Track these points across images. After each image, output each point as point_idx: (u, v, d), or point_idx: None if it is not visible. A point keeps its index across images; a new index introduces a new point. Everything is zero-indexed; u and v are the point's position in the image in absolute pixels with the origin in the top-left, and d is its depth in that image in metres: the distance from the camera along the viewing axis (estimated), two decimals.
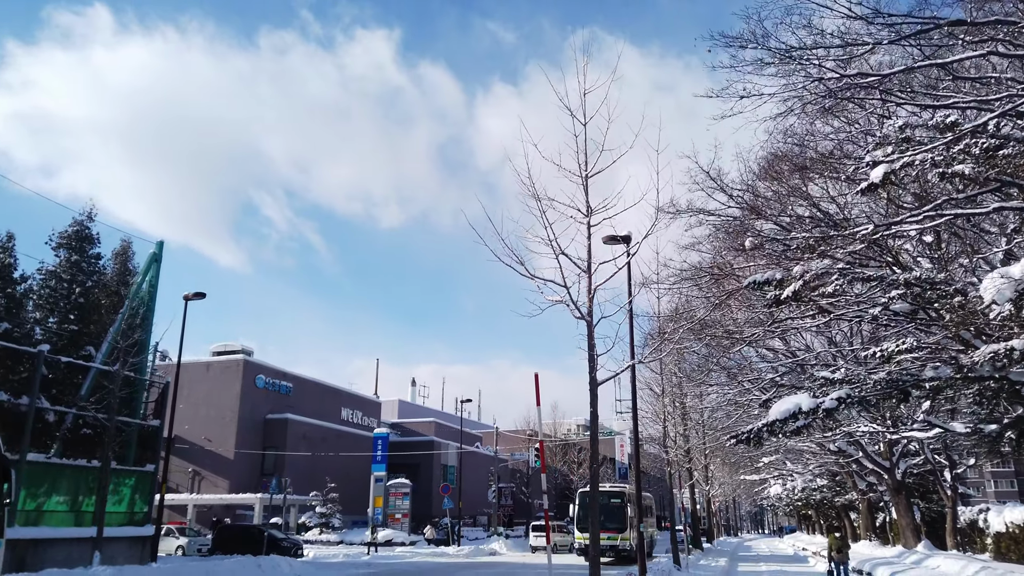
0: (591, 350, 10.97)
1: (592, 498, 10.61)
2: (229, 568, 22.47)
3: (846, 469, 31.60)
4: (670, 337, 13.40)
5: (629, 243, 17.09)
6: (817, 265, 9.68)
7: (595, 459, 10.83)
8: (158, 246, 27.12)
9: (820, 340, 20.29)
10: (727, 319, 16.70)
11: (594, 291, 11.32)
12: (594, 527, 10.50)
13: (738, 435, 11.64)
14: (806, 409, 10.42)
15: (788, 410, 10.70)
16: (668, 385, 25.11)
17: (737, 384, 20.74)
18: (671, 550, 23.44)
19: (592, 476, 10.79)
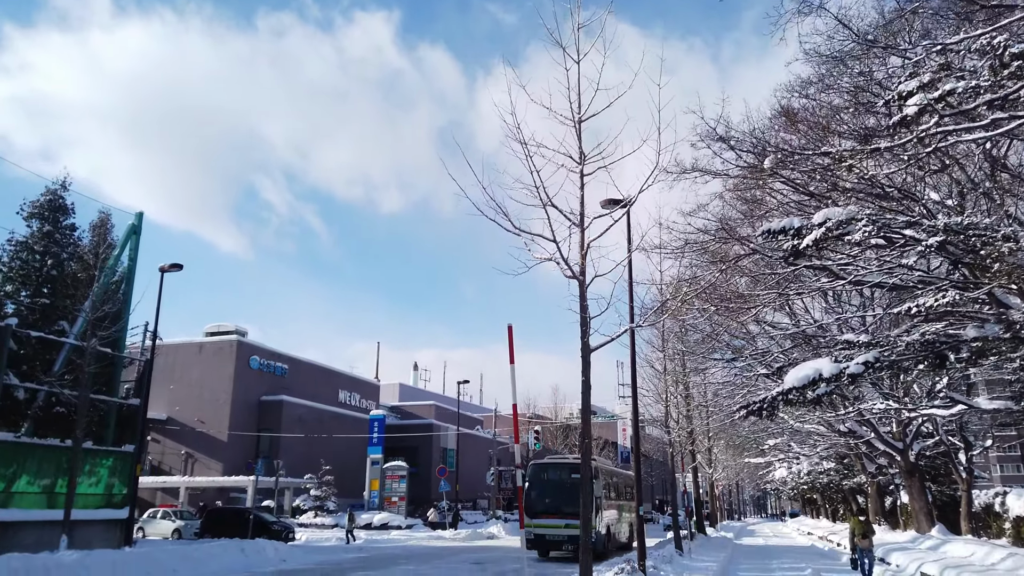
0: (583, 312, 9.76)
1: (585, 480, 9.44)
2: (208, 552, 21.44)
3: (855, 451, 30.47)
4: (673, 298, 12.18)
5: (629, 206, 15.88)
6: (839, 212, 8.45)
7: (587, 433, 9.66)
8: (137, 217, 25.96)
9: (831, 314, 19.05)
10: (735, 286, 15.48)
11: (587, 247, 10.09)
12: (585, 509, 9.32)
13: (750, 405, 10.42)
14: (827, 375, 9.21)
15: (807, 376, 9.47)
16: (670, 363, 23.90)
17: (743, 359, 19.55)
18: (673, 536, 22.35)
19: (583, 452, 9.62)
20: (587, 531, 9.20)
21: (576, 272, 9.95)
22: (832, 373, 9.23)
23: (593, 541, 15.99)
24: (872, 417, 23.11)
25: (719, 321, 16.66)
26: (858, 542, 15.40)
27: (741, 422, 32.11)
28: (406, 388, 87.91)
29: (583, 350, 9.68)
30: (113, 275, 25.03)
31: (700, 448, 35.08)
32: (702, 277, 14.42)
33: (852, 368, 9.07)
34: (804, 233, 8.72)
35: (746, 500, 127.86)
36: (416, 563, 22.90)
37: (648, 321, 10.61)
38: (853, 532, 15.56)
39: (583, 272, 9.94)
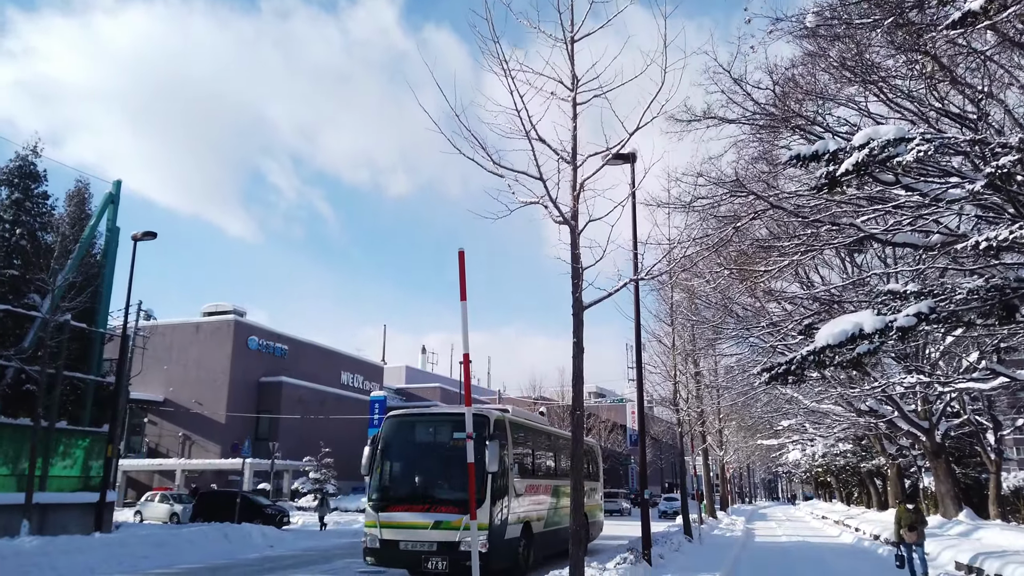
0: (574, 262, 8.29)
1: (575, 458, 8.00)
2: (188, 538, 20.23)
3: (875, 432, 28.93)
4: (681, 246, 10.66)
5: (634, 161, 14.35)
6: (887, 130, 6.92)
7: (578, 402, 8.23)
8: (115, 186, 24.60)
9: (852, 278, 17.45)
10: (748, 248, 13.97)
11: (580, 187, 8.60)
12: (576, 493, 7.89)
13: (773, 368, 8.89)
14: (870, 330, 7.70)
15: (844, 332, 7.96)
16: (679, 340, 22.40)
17: (755, 332, 18.02)
18: (683, 521, 20.96)
19: (574, 426, 8.19)
20: (578, 517, 7.76)
21: (567, 216, 8.45)
22: (876, 328, 7.69)
23: (486, 546, 10.81)
24: (896, 394, 21.57)
25: (729, 287, 15.10)
26: (905, 535, 12.73)
27: (755, 401, 30.63)
28: (412, 371, 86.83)
29: (574, 306, 8.22)
30: (90, 246, 23.71)
31: (711, 430, 33.65)
32: (713, 236, 12.88)
33: (902, 321, 7.54)
34: (842, 157, 7.21)
35: (757, 484, 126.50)
36: None
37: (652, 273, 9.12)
38: (899, 523, 12.80)
39: (575, 216, 8.47)
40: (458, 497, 11.17)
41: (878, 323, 7.68)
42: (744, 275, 13.56)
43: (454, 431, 12.08)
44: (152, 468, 44.64)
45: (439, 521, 11.65)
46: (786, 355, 8.87)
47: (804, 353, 8.35)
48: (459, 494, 11.01)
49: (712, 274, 14.59)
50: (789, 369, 8.48)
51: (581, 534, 7.90)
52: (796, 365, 8.43)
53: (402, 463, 13.08)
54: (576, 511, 7.87)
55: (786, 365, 8.59)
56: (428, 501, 12.06)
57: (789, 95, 12.58)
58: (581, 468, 8.13)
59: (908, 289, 8.10)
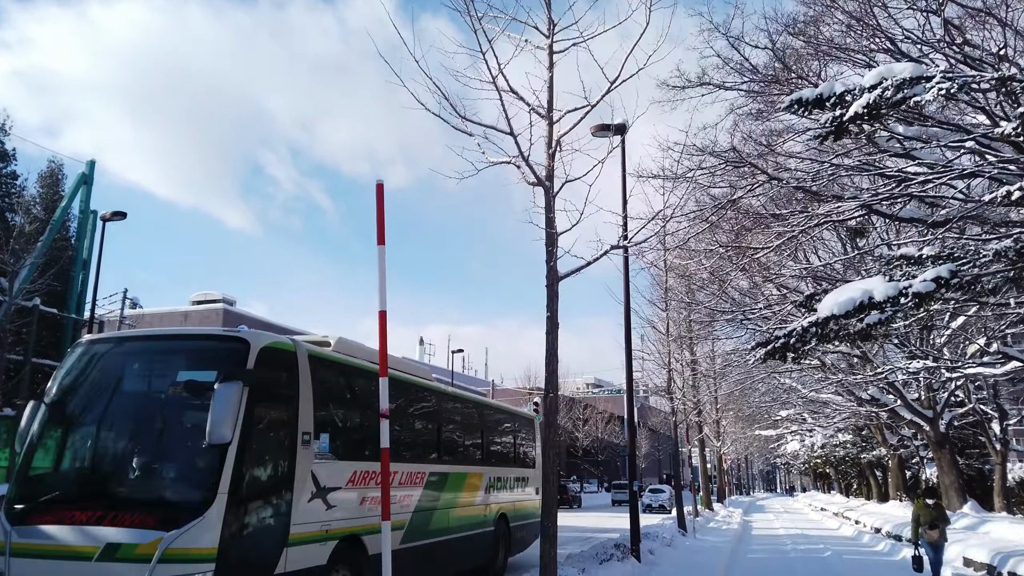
0: (549, 227, 7.41)
1: (546, 445, 7.13)
2: None
3: (875, 422, 28.13)
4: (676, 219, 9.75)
5: (624, 132, 13.44)
6: (902, 68, 6.06)
7: (551, 383, 7.36)
8: (88, 166, 23.68)
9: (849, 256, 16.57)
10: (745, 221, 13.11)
11: (556, 144, 7.71)
12: (548, 485, 7.02)
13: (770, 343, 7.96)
14: (881, 298, 6.81)
15: (852, 300, 7.05)
16: (674, 326, 21.54)
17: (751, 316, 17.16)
18: (676, 513, 20.15)
19: (546, 410, 7.32)
20: (550, 514, 6.90)
21: (542, 176, 7.56)
22: (888, 295, 6.79)
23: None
24: (900, 382, 20.74)
25: (724, 267, 14.20)
26: (924, 534, 11.24)
27: (752, 391, 29.81)
28: (409, 362, 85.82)
29: (548, 277, 7.35)
30: (62, 229, 22.84)
31: (707, 420, 32.84)
32: (707, 209, 11.97)
33: (919, 286, 6.65)
34: (850, 100, 6.34)
35: (755, 475, 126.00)
36: None
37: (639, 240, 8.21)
38: (917, 520, 11.44)
39: (550, 176, 7.57)
40: (158, 496, 6.12)
41: (890, 290, 6.77)
42: (739, 252, 12.66)
43: (176, 368, 6.69)
44: None
45: (113, 545, 5.64)
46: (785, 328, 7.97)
47: (806, 324, 7.39)
48: (159, 490, 6.20)
49: (706, 253, 13.70)
50: (788, 344, 7.54)
51: (553, 529, 7.05)
52: (796, 339, 7.50)
53: (76, 429, 6.80)
54: (548, 505, 7.03)
55: (784, 339, 7.64)
56: (103, 502, 6.00)
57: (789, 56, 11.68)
58: (554, 458, 7.27)
59: (924, 253, 7.21)
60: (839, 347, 10.86)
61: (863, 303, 6.86)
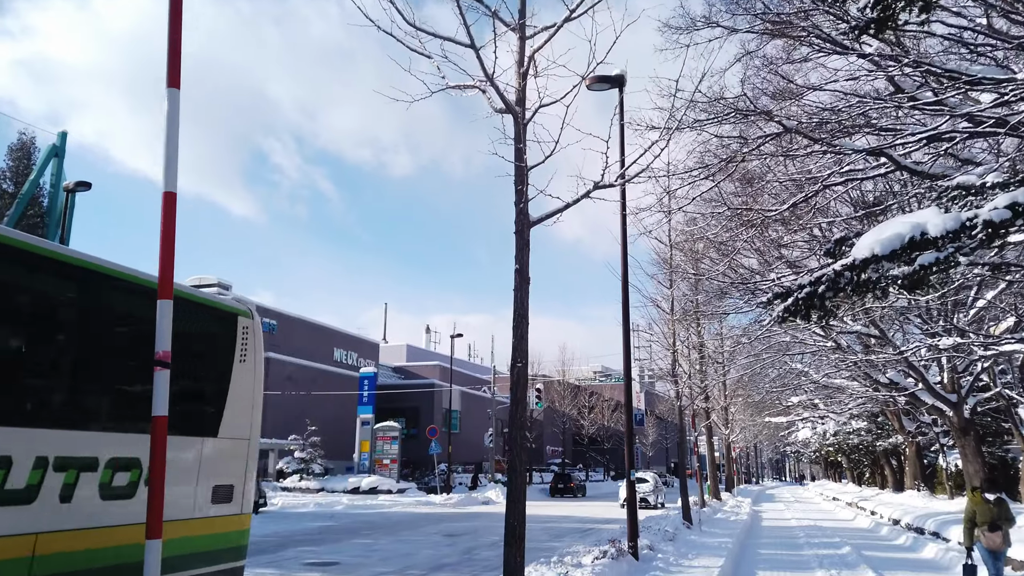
0: (518, 159, 6.08)
1: (513, 426, 5.86)
2: None
3: (892, 408, 26.74)
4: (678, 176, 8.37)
5: (623, 85, 12.07)
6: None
7: (521, 350, 6.08)
8: (60, 137, 22.37)
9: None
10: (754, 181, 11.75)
11: (529, 61, 6.36)
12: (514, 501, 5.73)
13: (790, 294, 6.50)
14: (937, 233, 5.40)
15: (899, 237, 5.63)
16: (678, 305, 20.18)
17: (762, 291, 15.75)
18: (681, 503, 18.87)
19: (514, 382, 6.02)
20: (516, 509, 5.59)
21: (511, 101, 6.21)
22: (947, 229, 5.36)
23: None
24: (921, 363, 19.34)
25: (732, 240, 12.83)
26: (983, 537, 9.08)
27: (762, 377, 28.46)
28: (414, 349, 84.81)
29: (517, 221, 6.05)
30: (33, 202, 21.65)
31: (715, 406, 31.53)
32: (713, 164, 10.57)
33: (989, 214, 5.28)
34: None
35: (764, 463, 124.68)
36: (380, 535, 19.71)
37: (634, 175, 6.79)
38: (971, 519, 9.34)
39: (521, 100, 6.22)
40: None
41: (949, 222, 5.37)
42: (747, 223, 11.28)
43: None
44: None
45: None
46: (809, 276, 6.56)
47: (838, 268, 5.97)
48: None
49: (713, 215, 12.30)
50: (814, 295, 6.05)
51: (520, 531, 5.77)
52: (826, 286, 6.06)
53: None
54: (514, 501, 5.75)
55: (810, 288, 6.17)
56: None
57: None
58: (521, 442, 5.96)
59: (989, 181, 5.84)
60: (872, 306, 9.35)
61: (914, 240, 5.48)
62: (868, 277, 5.67)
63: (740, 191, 11.87)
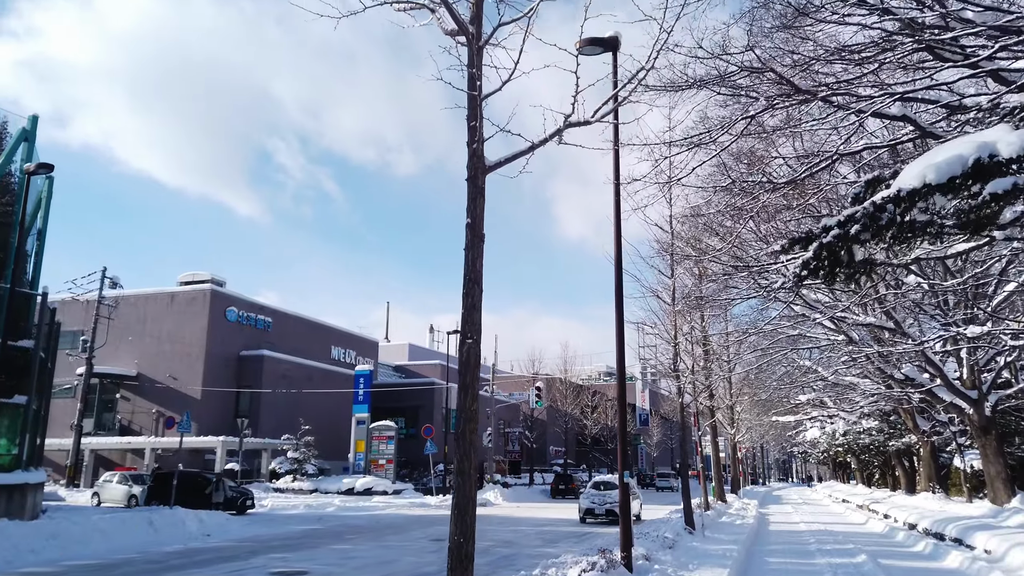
0: (471, 88, 4.93)
1: (462, 418, 4.72)
2: (98, 527, 17.21)
3: (906, 406, 25.48)
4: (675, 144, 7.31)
5: (617, 47, 10.91)
6: None
7: (471, 324, 4.93)
8: (30, 121, 21.39)
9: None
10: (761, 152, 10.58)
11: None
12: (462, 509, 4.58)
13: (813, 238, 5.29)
14: (1011, 154, 4.18)
15: (961, 160, 4.38)
16: (680, 296, 18.99)
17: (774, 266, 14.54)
18: (683, 507, 17.68)
19: (461, 363, 4.89)
20: (464, 524, 4.44)
21: (464, 19, 5.07)
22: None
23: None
24: (940, 358, 18.14)
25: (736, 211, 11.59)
26: None
27: (769, 374, 27.23)
28: (416, 348, 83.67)
29: (470, 165, 4.90)
30: (3, 188, 20.59)
31: (720, 405, 30.30)
32: (714, 128, 9.39)
33: None
34: None
35: (770, 464, 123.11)
36: (364, 540, 18.58)
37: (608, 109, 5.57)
38: None
39: (477, 18, 5.09)
40: None
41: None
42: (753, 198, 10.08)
43: None
44: (122, 446, 41.89)
45: None
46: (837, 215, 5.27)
47: (878, 201, 4.72)
48: None
49: (715, 191, 11.11)
50: (845, 238, 4.78)
51: (467, 549, 4.61)
52: (861, 225, 4.79)
53: None
54: (461, 513, 4.61)
55: (838, 230, 4.88)
56: None
57: None
58: (471, 437, 4.82)
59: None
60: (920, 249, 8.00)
61: (980, 163, 4.30)
62: (915, 214, 4.42)
63: (745, 157, 10.69)
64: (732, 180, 10.34)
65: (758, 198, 10.39)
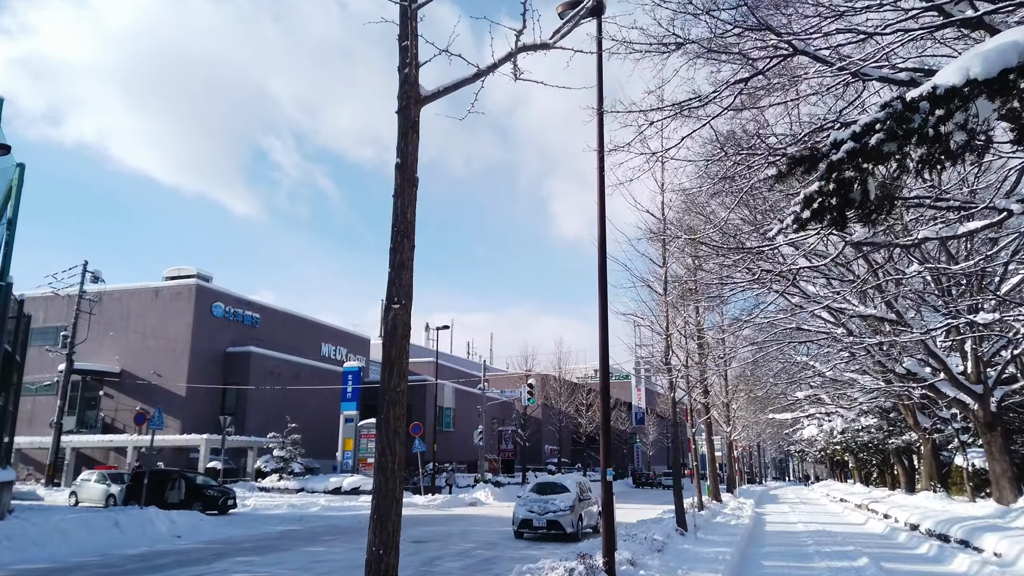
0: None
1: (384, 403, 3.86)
2: (60, 527, 16.32)
3: (907, 402, 24.70)
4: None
5: (601, 13, 10.08)
6: None
7: (401, 284, 4.10)
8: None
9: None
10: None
11: None
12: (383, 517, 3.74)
13: (817, 159, 4.27)
14: None
15: (1017, 48, 3.67)
16: (673, 285, 18.18)
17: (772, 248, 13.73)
18: (675, 508, 16.84)
19: (387, 332, 4.06)
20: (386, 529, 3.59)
21: None
22: None
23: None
24: (942, 350, 17.32)
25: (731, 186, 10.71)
26: None
27: (766, 369, 26.42)
28: (411, 346, 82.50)
29: (402, 93, 4.03)
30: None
31: (716, 402, 29.47)
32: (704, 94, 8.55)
33: None
34: None
35: (767, 463, 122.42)
36: (340, 541, 17.73)
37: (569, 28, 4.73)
38: None
39: None
40: None
41: None
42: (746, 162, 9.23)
43: None
44: (104, 445, 40.96)
45: None
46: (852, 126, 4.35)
47: (909, 99, 3.83)
48: None
49: (708, 164, 10.26)
50: (863, 152, 3.75)
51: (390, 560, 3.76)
52: (885, 133, 3.86)
53: None
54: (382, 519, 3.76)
55: (852, 144, 3.86)
56: None
57: None
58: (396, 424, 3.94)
59: None
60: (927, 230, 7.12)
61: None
62: (950, 132, 3.54)
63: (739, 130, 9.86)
64: (723, 150, 9.49)
65: (754, 170, 9.55)
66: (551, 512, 17.50)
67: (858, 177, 3.81)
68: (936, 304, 17.22)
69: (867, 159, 3.77)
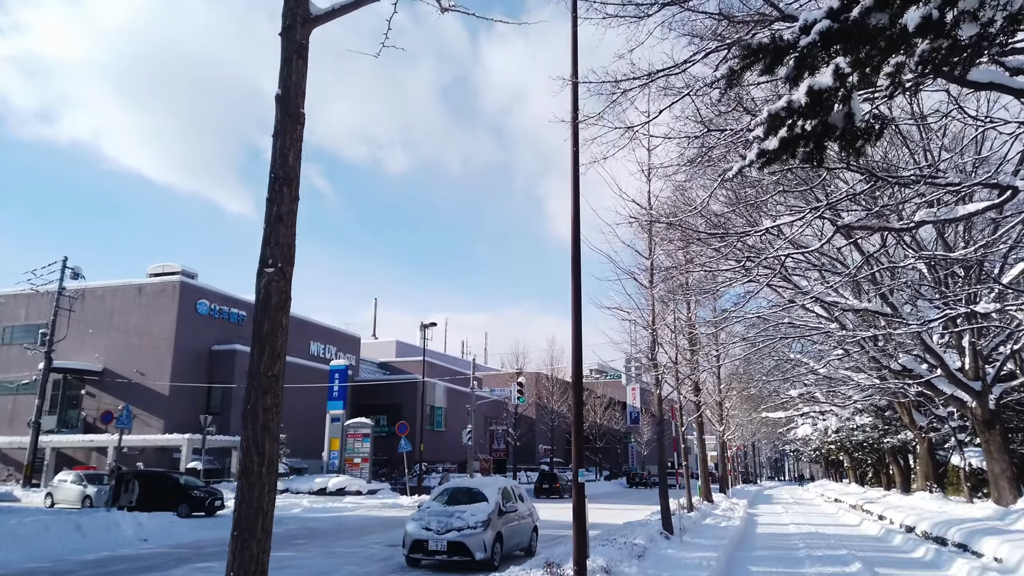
0: None
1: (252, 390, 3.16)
2: (16, 532, 15.55)
3: (903, 400, 24.04)
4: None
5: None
6: None
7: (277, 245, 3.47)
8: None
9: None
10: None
11: None
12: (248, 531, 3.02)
13: (788, 47, 3.65)
14: None
15: None
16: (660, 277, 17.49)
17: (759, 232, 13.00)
18: (661, 510, 16.13)
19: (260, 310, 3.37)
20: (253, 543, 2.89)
21: None
22: None
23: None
24: (938, 344, 16.65)
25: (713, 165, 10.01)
26: None
27: (758, 366, 25.77)
28: (404, 345, 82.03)
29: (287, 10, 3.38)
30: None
31: (708, 401, 28.79)
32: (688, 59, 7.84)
33: None
34: None
35: (762, 463, 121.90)
36: (314, 545, 17.01)
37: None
38: None
39: None
40: None
41: None
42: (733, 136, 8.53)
43: None
44: (85, 445, 40.13)
45: None
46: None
47: None
48: None
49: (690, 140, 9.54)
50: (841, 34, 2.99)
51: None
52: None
53: None
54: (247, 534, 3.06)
55: (830, 21, 3.18)
56: None
57: None
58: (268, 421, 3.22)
59: None
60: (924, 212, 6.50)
61: None
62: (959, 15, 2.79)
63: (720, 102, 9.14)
64: (704, 125, 8.77)
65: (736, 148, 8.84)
66: (455, 530, 12.71)
67: (839, 88, 3.06)
68: (932, 296, 16.55)
69: (848, 41, 2.97)
